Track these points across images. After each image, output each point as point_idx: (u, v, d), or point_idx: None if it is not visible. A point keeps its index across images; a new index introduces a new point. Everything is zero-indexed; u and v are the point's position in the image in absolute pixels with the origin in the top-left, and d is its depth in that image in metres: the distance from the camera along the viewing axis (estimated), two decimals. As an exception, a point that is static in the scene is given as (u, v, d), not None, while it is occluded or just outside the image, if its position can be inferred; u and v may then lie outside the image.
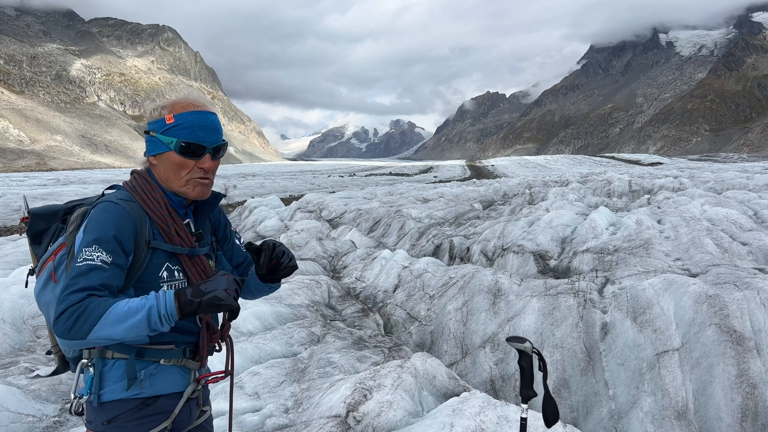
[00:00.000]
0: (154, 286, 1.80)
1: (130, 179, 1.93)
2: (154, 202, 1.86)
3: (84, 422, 1.84)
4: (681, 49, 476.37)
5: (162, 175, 1.88)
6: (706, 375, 4.30)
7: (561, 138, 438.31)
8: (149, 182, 1.89)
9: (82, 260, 1.63)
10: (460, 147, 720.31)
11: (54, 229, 1.95)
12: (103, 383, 1.77)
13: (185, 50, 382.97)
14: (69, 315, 1.54)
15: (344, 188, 45.44)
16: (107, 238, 1.68)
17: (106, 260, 1.65)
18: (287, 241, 12.53)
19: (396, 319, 7.21)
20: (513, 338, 2.18)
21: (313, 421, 3.79)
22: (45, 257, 1.88)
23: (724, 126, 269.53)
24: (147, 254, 1.79)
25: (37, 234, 1.95)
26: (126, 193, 1.86)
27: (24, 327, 6.47)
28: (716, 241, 7.88)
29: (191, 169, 1.86)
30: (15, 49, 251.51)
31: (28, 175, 77.38)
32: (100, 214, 1.73)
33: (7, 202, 27.87)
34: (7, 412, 4.36)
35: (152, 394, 1.82)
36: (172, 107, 1.85)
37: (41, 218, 1.94)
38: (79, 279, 1.60)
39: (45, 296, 1.82)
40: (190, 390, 1.93)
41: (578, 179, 29.43)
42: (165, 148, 1.84)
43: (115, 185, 1.94)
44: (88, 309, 1.54)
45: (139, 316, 1.55)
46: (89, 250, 1.65)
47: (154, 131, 1.85)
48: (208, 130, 1.86)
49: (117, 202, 1.76)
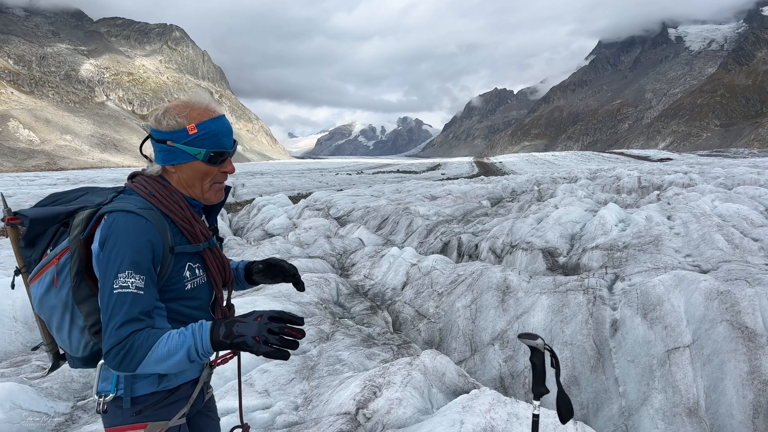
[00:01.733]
0: (179, 286, 1.84)
1: (140, 184, 1.88)
2: (176, 206, 1.86)
3: (104, 422, 1.88)
4: (690, 43, 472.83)
5: (183, 182, 1.89)
6: (718, 372, 4.27)
7: (569, 134, 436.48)
8: (166, 187, 1.88)
9: (118, 287, 1.65)
10: (468, 144, 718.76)
11: (52, 232, 1.91)
12: (135, 380, 1.83)
13: (193, 49, 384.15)
14: (116, 352, 1.61)
15: (352, 186, 45.47)
16: (139, 260, 1.69)
17: (140, 285, 1.67)
18: (295, 239, 12.56)
19: (405, 317, 7.21)
20: (525, 335, 2.18)
21: (323, 418, 3.79)
22: (46, 261, 1.84)
23: (735, 121, 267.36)
24: (171, 260, 1.81)
25: (34, 236, 1.90)
26: (143, 200, 1.82)
27: (35, 325, 6.53)
28: (727, 237, 7.82)
29: (214, 175, 1.90)
30: (24, 50, 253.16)
31: (39, 174, 77.92)
32: (128, 229, 1.70)
33: (17, 202, 28.08)
34: (20, 410, 4.40)
35: (176, 384, 1.92)
36: (189, 115, 1.83)
37: (40, 223, 1.87)
38: (119, 310, 1.63)
39: (48, 301, 1.82)
40: (206, 375, 2.04)
41: (587, 176, 29.31)
42: (190, 158, 1.85)
43: (124, 189, 1.91)
44: (133, 348, 1.61)
45: (179, 356, 1.63)
46: (123, 275, 1.65)
47: (173, 141, 1.82)
48: (227, 134, 1.89)
49: (140, 213, 1.74)
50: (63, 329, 1.83)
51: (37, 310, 1.88)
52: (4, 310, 6.41)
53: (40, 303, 1.84)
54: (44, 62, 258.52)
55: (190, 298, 1.89)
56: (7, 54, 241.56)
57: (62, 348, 1.92)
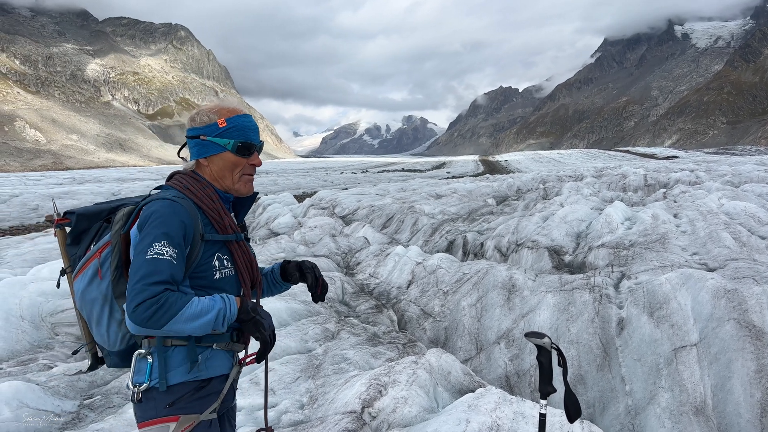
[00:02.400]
0: (208, 274, 1.97)
1: (176, 180, 2.05)
2: (207, 198, 2.01)
3: (136, 415, 1.95)
4: (697, 40, 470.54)
5: (215, 174, 2.07)
6: (725, 370, 4.25)
7: (575, 132, 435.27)
8: (199, 181, 2.05)
9: (153, 253, 1.77)
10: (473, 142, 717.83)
11: (96, 228, 2.06)
12: (168, 368, 1.91)
13: (198, 49, 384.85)
14: (148, 306, 1.69)
15: (357, 185, 45.49)
16: (173, 234, 1.83)
17: (173, 255, 1.81)
18: (301, 238, 12.57)
19: (410, 316, 7.21)
20: (531, 334, 2.17)
21: (329, 417, 3.79)
22: (89, 255, 1.97)
23: (741, 118, 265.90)
24: (201, 247, 1.94)
25: (78, 233, 2.06)
26: (177, 192, 1.98)
27: (42, 324, 6.55)
28: (734, 235, 7.77)
29: (243, 167, 2.07)
30: (30, 50, 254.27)
31: (45, 174, 78.28)
32: (163, 210, 1.85)
33: (24, 201, 28.21)
34: (27, 408, 4.41)
35: (207, 376, 1.98)
36: (219, 113, 2.04)
37: (86, 219, 2.04)
38: (154, 271, 1.74)
39: (90, 293, 1.94)
40: (235, 372, 2.12)
41: (593, 174, 29.22)
42: (220, 149, 2.03)
43: (162, 185, 2.07)
44: (167, 303, 1.72)
45: (209, 316, 1.79)
46: (158, 244, 1.79)
47: (205, 135, 2.02)
48: (254, 131, 2.09)
49: (174, 200, 1.89)
50: (102, 322, 1.95)
51: (79, 304, 1.99)
52: (11, 309, 6.44)
53: (82, 296, 1.96)
54: (50, 62, 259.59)
55: (219, 288, 1.99)
56: (13, 54, 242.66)
57: (101, 344, 2.02)
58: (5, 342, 5.97)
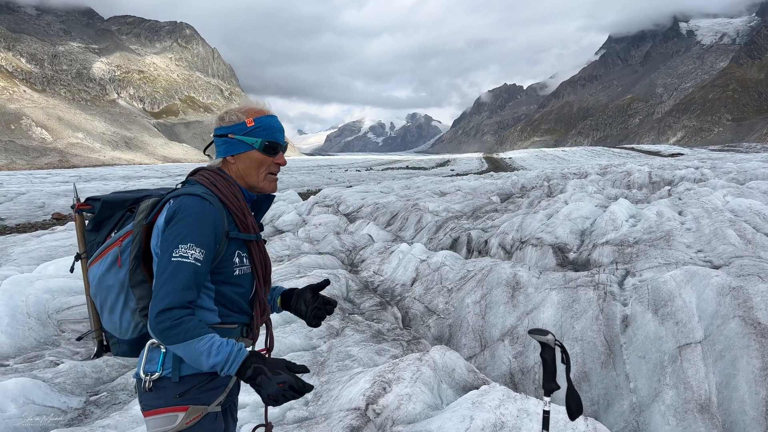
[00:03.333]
0: (228, 270, 2.00)
1: (202, 175, 2.08)
2: (233, 196, 2.05)
3: (143, 404, 1.97)
4: (702, 37, 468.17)
5: (241, 171, 2.11)
6: (730, 368, 4.24)
7: (579, 129, 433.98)
8: (226, 179, 2.08)
9: (178, 255, 1.82)
10: (478, 140, 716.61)
11: (118, 217, 2.10)
12: (181, 359, 1.92)
13: (203, 47, 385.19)
14: (167, 321, 1.76)
15: (361, 182, 45.49)
16: (201, 235, 1.87)
17: (199, 258, 1.85)
18: (305, 236, 12.59)
19: (414, 313, 7.22)
20: (535, 330, 2.17)
21: (333, 413, 3.81)
22: (110, 242, 2.01)
23: (747, 115, 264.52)
24: (225, 244, 1.98)
25: (100, 220, 2.10)
26: (205, 188, 2.01)
27: (49, 321, 6.59)
28: (739, 232, 7.75)
29: (268, 165, 2.13)
30: (36, 48, 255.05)
31: (51, 172, 78.54)
32: (194, 208, 1.89)
33: (31, 199, 28.33)
34: (33, 405, 4.44)
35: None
36: (247, 113, 2.10)
37: (110, 206, 2.08)
38: (178, 276, 1.80)
39: (108, 280, 1.98)
40: None
41: (597, 171, 29.14)
42: (248, 148, 2.08)
43: (187, 180, 2.11)
44: (183, 328, 1.78)
45: (210, 361, 1.80)
46: (184, 246, 1.83)
47: (233, 134, 2.07)
48: (280, 131, 2.17)
49: (204, 197, 1.93)
50: (116, 310, 1.99)
51: (94, 290, 2.02)
52: (18, 306, 6.48)
53: (99, 282, 2.00)
54: (56, 60, 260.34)
55: (236, 285, 2.04)
56: (19, 53, 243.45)
57: (111, 332, 2.06)
58: (12, 339, 6.01)
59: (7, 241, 14.06)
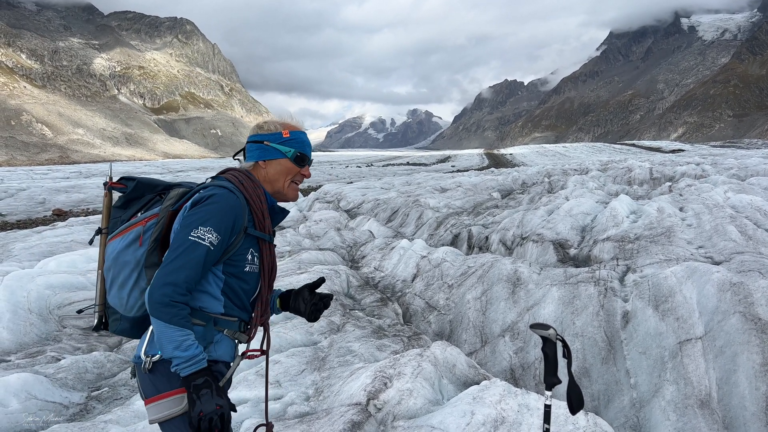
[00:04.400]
0: (240, 265, 2.13)
1: (232, 174, 2.21)
2: (257, 197, 2.19)
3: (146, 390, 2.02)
4: (703, 33, 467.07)
5: (270, 176, 2.28)
6: (730, 364, 4.25)
7: (580, 126, 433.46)
8: (253, 180, 2.23)
9: (196, 236, 1.95)
10: (478, 136, 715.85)
11: (147, 199, 2.27)
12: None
13: (203, 43, 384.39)
14: (167, 297, 1.87)
15: (362, 178, 45.48)
16: (221, 222, 2.00)
17: (214, 242, 1.98)
18: (306, 232, 12.60)
19: (415, 309, 7.22)
20: (536, 325, 2.18)
21: (334, 408, 3.82)
22: (135, 221, 2.15)
23: (748, 111, 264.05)
24: (241, 238, 2.10)
25: (130, 199, 2.27)
26: (233, 185, 2.14)
27: (50, 317, 6.60)
28: (740, 228, 7.74)
29: (295, 175, 2.31)
30: (36, 44, 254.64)
31: (52, 168, 78.51)
32: (221, 197, 2.04)
33: (31, 195, 28.35)
34: (35, 400, 4.46)
35: (215, 358, 2.11)
36: (285, 126, 2.31)
37: (144, 187, 2.28)
38: (191, 257, 1.92)
39: (125, 255, 2.11)
40: (237, 362, 2.24)
41: (598, 167, 29.11)
42: (280, 155, 2.26)
43: (217, 176, 2.24)
44: (175, 311, 1.88)
45: (176, 353, 1.88)
46: (203, 228, 1.96)
47: (270, 141, 2.25)
48: (310, 147, 2.35)
49: (233, 191, 2.09)
50: (126, 286, 2.10)
51: (109, 264, 2.15)
52: (20, 302, 6.49)
53: (116, 257, 2.12)
54: (56, 56, 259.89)
55: (244, 281, 2.16)
56: (19, 48, 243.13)
57: (116, 307, 2.18)
58: (13, 334, 6.02)
59: (8, 237, 14.09)
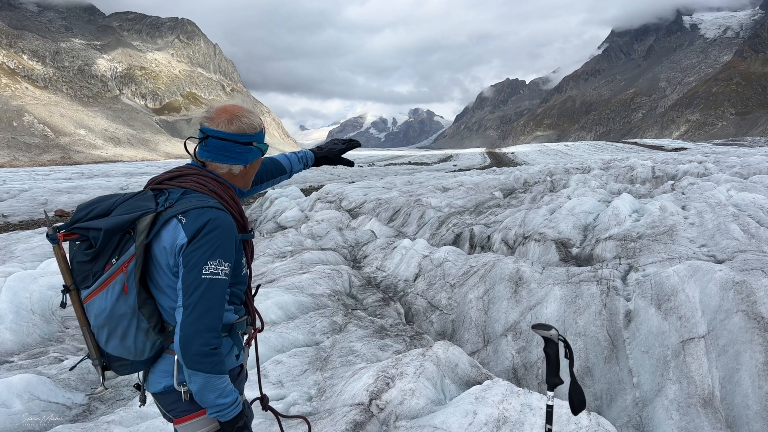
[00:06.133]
0: (239, 272, 2.08)
1: (196, 181, 2.01)
2: (232, 201, 2.07)
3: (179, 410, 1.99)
4: (705, 31, 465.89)
5: (247, 176, 2.17)
6: (733, 362, 4.24)
7: (582, 124, 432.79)
8: (223, 184, 2.07)
9: (209, 273, 1.81)
10: (480, 135, 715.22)
11: (116, 240, 1.88)
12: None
13: (204, 43, 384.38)
14: (206, 346, 1.79)
15: (363, 178, 45.47)
16: (227, 249, 1.88)
17: (227, 272, 1.87)
18: (308, 232, 12.60)
19: (417, 308, 7.22)
20: (538, 325, 2.17)
21: (337, 409, 3.82)
22: (113, 270, 1.86)
23: (751, 109, 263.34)
24: (239, 251, 2.04)
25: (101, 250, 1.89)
26: (212, 199, 1.97)
27: (53, 318, 6.61)
28: (743, 226, 7.73)
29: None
30: (38, 45, 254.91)
31: (54, 169, 78.59)
32: (219, 223, 1.87)
33: (33, 196, 28.38)
34: (38, 401, 4.47)
35: (241, 362, 2.15)
36: (256, 117, 2.13)
37: (112, 233, 1.86)
38: (214, 297, 1.81)
39: (119, 309, 1.87)
40: (246, 353, 2.26)
41: (600, 166, 29.06)
42: (260, 155, 2.16)
43: (186, 189, 1.98)
44: (216, 360, 1.81)
45: (218, 401, 1.86)
46: (214, 263, 1.83)
47: (257, 141, 2.10)
48: None
49: (220, 207, 1.93)
50: (129, 335, 1.90)
51: (103, 322, 1.89)
52: (22, 303, 6.50)
53: (110, 314, 1.87)
54: (58, 57, 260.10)
55: (242, 283, 2.13)
56: (21, 49, 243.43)
57: (122, 356, 1.95)
58: (16, 335, 6.03)
59: (11, 238, 14.11)
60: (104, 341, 1.93)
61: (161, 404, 2.04)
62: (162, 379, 1.98)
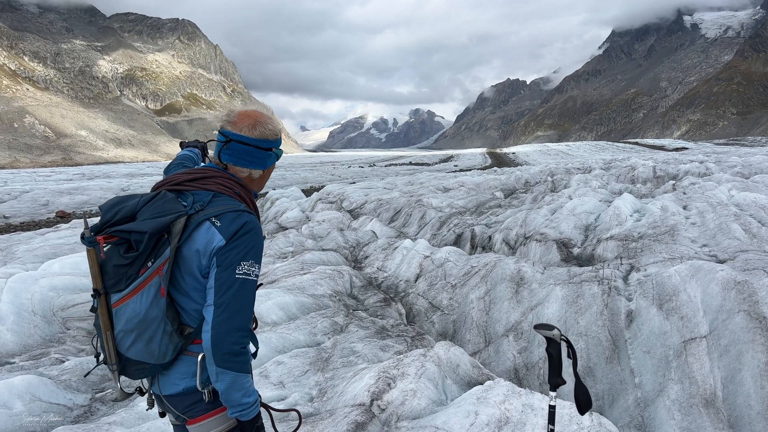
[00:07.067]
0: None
1: (223, 184, 2.06)
2: (252, 203, 2.15)
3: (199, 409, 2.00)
4: (706, 31, 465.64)
5: (263, 180, 2.25)
6: (735, 362, 4.23)
7: (583, 124, 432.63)
8: (245, 187, 2.15)
9: (242, 273, 1.88)
10: (481, 135, 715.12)
11: (153, 243, 1.86)
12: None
13: (205, 43, 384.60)
14: (239, 345, 1.86)
15: (364, 179, 45.48)
16: (258, 251, 1.96)
17: (258, 273, 1.95)
18: (309, 232, 12.60)
19: (418, 309, 7.22)
20: (541, 326, 2.17)
21: (338, 409, 3.81)
22: (149, 272, 1.83)
23: (752, 109, 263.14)
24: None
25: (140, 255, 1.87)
26: (243, 204, 2.05)
27: (54, 319, 6.61)
28: (744, 226, 7.72)
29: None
30: (39, 46, 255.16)
31: (55, 170, 78.71)
32: (253, 227, 1.96)
33: (35, 197, 28.39)
34: (40, 402, 4.46)
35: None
36: (276, 123, 2.21)
37: (156, 236, 1.85)
38: (247, 298, 1.88)
39: (152, 312, 1.85)
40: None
41: (601, 166, 29.06)
42: (276, 159, 2.23)
43: (216, 192, 2.03)
44: (246, 358, 1.89)
45: (243, 400, 1.90)
46: (247, 264, 1.89)
47: (275, 147, 2.18)
48: None
49: (250, 211, 2.01)
50: (155, 339, 1.88)
51: (135, 325, 1.86)
52: (23, 305, 6.50)
53: (144, 317, 1.85)
54: (59, 58, 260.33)
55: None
56: (22, 51, 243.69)
57: (144, 360, 1.91)
58: (18, 336, 6.03)
59: (12, 239, 14.11)
60: (127, 346, 1.89)
61: (176, 406, 2.01)
62: (180, 381, 1.97)
